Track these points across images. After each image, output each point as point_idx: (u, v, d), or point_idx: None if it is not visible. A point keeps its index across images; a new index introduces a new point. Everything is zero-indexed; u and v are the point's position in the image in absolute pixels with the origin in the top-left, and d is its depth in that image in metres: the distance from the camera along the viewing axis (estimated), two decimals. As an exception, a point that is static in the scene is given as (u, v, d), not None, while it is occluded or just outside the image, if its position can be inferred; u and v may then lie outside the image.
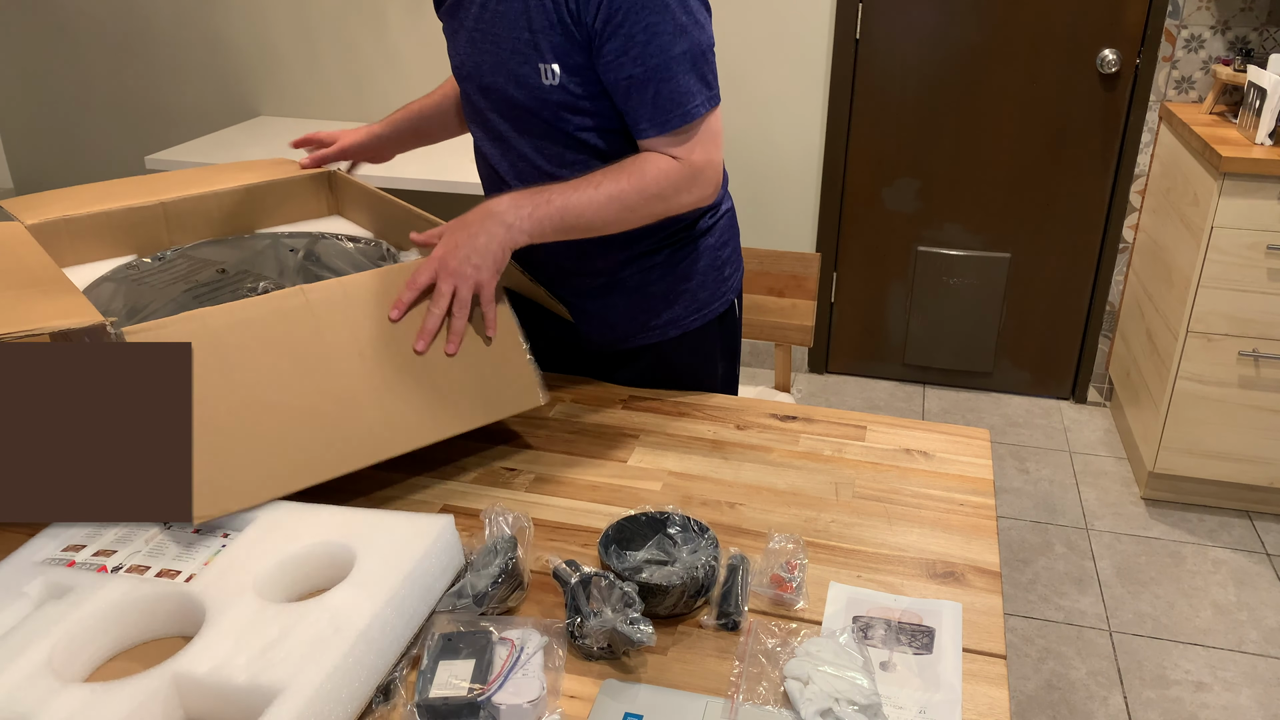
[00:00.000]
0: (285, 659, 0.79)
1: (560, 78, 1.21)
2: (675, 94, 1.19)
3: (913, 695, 0.87)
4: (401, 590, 0.88)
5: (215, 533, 0.99)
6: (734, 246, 1.48)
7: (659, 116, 1.20)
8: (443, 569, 0.94)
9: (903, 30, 2.91)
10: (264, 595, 0.89)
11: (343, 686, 0.79)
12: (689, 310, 1.42)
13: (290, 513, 0.99)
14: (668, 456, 1.24)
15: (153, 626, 0.91)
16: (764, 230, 3.24)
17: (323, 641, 0.81)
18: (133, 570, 0.94)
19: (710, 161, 1.24)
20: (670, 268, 1.39)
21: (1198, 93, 2.79)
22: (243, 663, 0.79)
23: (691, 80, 1.20)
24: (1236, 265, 2.35)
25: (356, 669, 0.81)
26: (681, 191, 1.23)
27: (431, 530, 0.94)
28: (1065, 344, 3.17)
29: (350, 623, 0.83)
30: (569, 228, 1.19)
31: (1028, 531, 2.56)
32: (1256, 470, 2.53)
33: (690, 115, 1.21)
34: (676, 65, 1.18)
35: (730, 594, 0.97)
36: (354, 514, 0.98)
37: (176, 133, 3.58)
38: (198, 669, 0.79)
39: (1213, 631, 2.21)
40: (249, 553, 0.93)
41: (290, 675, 0.77)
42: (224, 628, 0.84)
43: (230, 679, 0.78)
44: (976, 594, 1.00)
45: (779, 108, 3.06)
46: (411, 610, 0.89)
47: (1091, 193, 2.97)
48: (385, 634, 0.85)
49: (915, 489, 1.18)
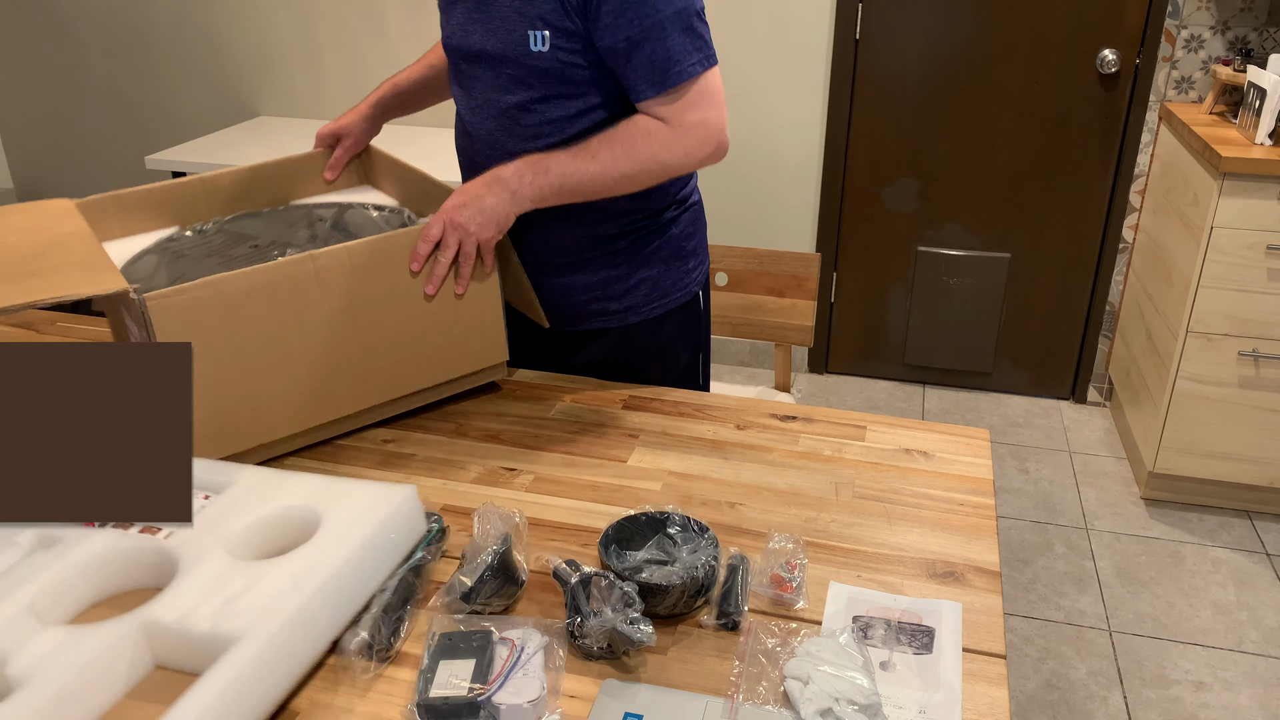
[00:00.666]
0: (245, 610, 0.85)
1: (549, 43, 1.24)
2: (670, 53, 1.22)
3: (913, 695, 0.87)
4: (360, 553, 0.92)
5: (197, 494, 1.04)
6: (700, 239, 1.49)
7: (655, 77, 1.23)
8: (403, 535, 0.99)
9: (903, 30, 2.91)
10: (233, 553, 0.94)
11: (297, 638, 0.85)
12: (649, 297, 1.44)
13: (267, 478, 1.05)
14: (668, 456, 1.24)
15: (132, 578, 0.97)
16: (764, 230, 3.24)
17: (281, 596, 0.86)
18: (117, 526, 1.00)
19: (704, 120, 1.25)
20: (633, 253, 1.41)
21: (1198, 93, 2.79)
22: (207, 613, 0.86)
23: (684, 39, 1.22)
24: (1236, 265, 2.35)
25: (311, 623, 0.86)
26: (677, 153, 1.25)
27: (394, 499, 0.99)
28: (1065, 344, 3.17)
29: (308, 579, 0.88)
30: (570, 194, 1.25)
31: (1028, 531, 2.56)
32: (1256, 470, 2.53)
33: (685, 74, 1.23)
34: (670, 24, 1.21)
35: (730, 594, 0.97)
36: (324, 481, 1.03)
37: (176, 133, 3.58)
38: (165, 617, 0.86)
39: (1213, 631, 2.21)
40: (224, 513, 0.99)
41: (248, 625, 0.83)
42: (193, 580, 0.90)
43: (194, 627, 0.84)
44: (976, 594, 1.00)
45: (779, 108, 3.06)
46: (369, 571, 0.94)
47: (1091, 193, 2.97)
48: (341, 591, 0.90)
49: (915, 489, 1.18)
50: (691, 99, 1.24)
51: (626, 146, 1.24)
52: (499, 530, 1.00)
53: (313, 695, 0.87)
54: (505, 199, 1.23)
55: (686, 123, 1.25)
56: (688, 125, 1.25)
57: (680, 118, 1.24)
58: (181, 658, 0.86)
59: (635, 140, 1.24)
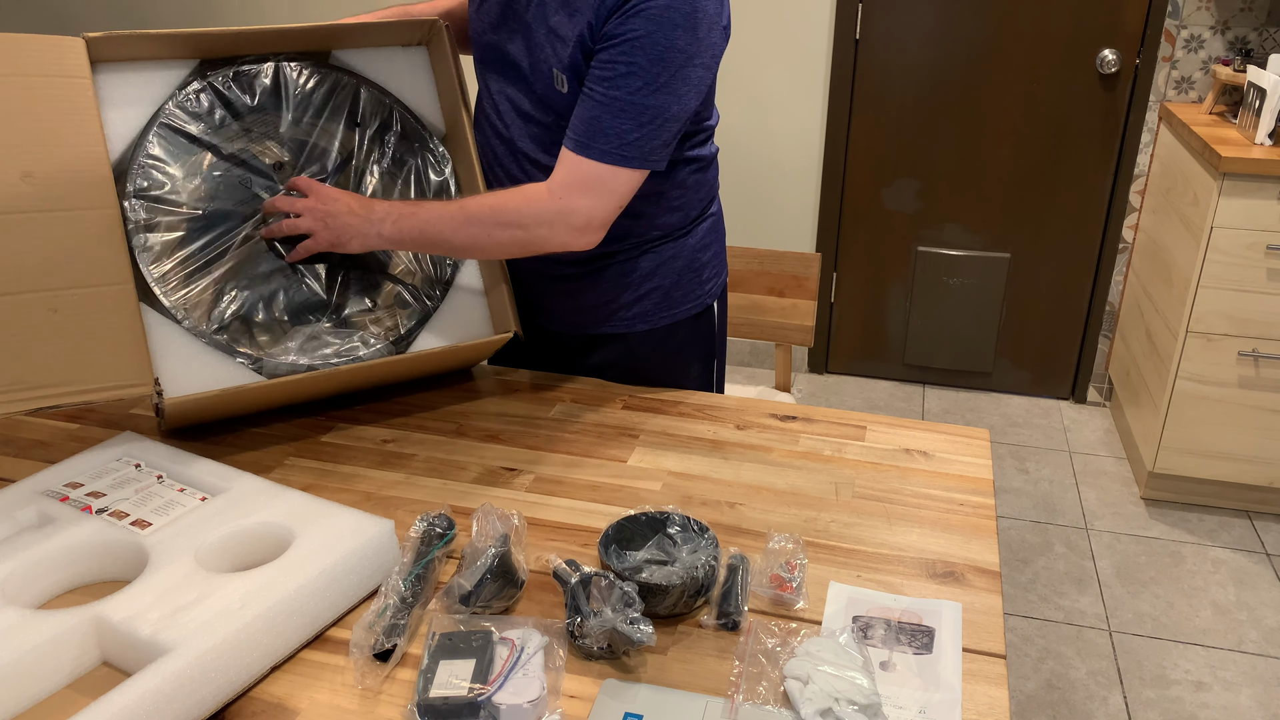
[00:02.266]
0: (187, 623, 0.85)
1: (568, 86, 1.22)
2: (612, 130, 1.17)
3: (913, 695, 0.87)
4: (317, 581, 0.92)
5: (195, 494, 1.05)
6: (717, 250, 1.47)
7: (583, 135, 1.19)
8: (372, 569, 0.98)
9: (903, 30, 2.91)
10: (201, 561, 0.95)
11: (228, 658, 0.84)
12: (659, 307, 1.43)
13: (260, 489, 1.05)
14: (668, 456, 1.24)
15: (113, 569, 0.98)
16: (764, 230, 3.24)
17: (225, 614, 0.86)
18: (114, 514, 1.01)
19: (581, 209, 1.20)
20: (647, 263, 1.40)
21: (1197, 93, 2.79)
22: (153, 618, 0.86)
23: (634, 132, 1.17)
24: (1236, 265, 2.35)
25: (247, 645, 0.86)
26: (542, 225, 1.20)
27: (367, 531, 0.98)
28: (1065, 344, 3.17)
29: (256, 601, 0.88)
30: (430, 243, 1.25)
31: (1028, 531, 2.56)
32: (1256, 470, 2.53)
33: (607, 155, 1.18)
34: (633, 111, 1.17)
35: (730, 594, 0.97)
36: (310, 503, 1.03)
37: (176, 133, 3.58)
38: (114, 615, 0.87)
39: (1212, 631, 2.21)
40: (207, 520, 1.00)
41: (184, 638, 0.83)
42: (153, 583, 0.91)
43: (137, 630, 0.85)
44: (976, 594, 1.00)
45: (779, 108, 3.06)
46: (325, 600, 0.93)
47: (1091, 193, 2.97)
48: (289, 617, 0.89)
49: (915, 489, 1.18)
50: (592, 184, 1.19)
51: (497, 201, 1.22)
52: (498, 531, 1.00)
53: (313, 695, 0.87)
54: (363, 229, 1.24)
55: (564, 201, 1.20)
56: (563, 204, 1.20)
57: (569, 193, 1.20)
58: (124, 658, 0.87)
59: (507, 200, 1.21)
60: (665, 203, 1.36)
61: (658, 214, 1.37)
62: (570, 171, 1.20)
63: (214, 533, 0.98)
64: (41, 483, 1.06)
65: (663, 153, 1.22)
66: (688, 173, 1.37)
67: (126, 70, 1.24)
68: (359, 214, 1.24)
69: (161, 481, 1.07)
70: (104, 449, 1.13)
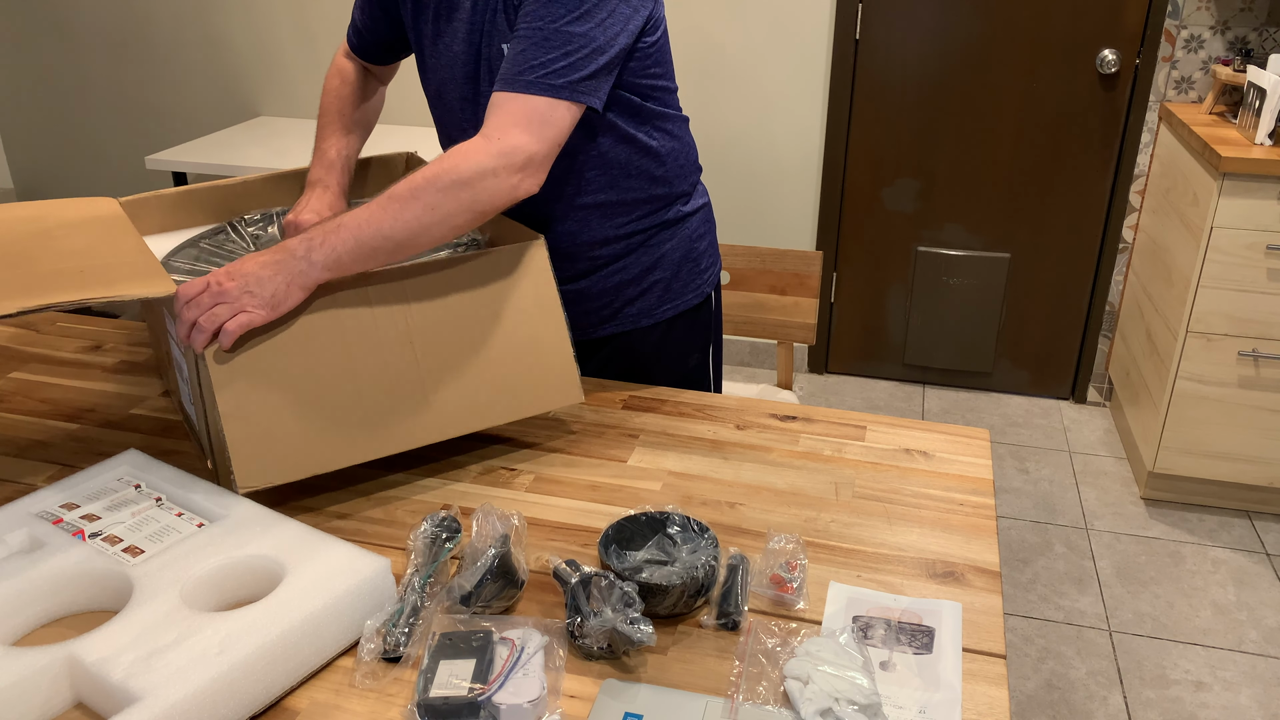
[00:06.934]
0: (162, 668, 0.81)
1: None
2: (538, 62, 1.14)
3: (913, 695, 0.87)
4: (303, 626, 0.87)
5: (191, 520, 1.01)
6: (710, 239, 1.49)
7: (511, 73, 1.15)
8: (365, 609, 0.92)
9: (903, 30, 2.91)
10: (186, 597, 0.90)
11: (202, 709, 0.79)
12: (660, 300, 1.43)
13: (257, 517, 1.00)
14: (668, 456, 1.24)
15: (99, 599, 0.94)
16: (764, 231, 3.24)
17: (202, 659, 0.81)
18: (106, 539, 0.97)
19: (521, 146, 1.13)
20: (644, 256, 1.40)
21: (1197, 93, 2.79)
22: (126, 661, 0.82)
23: (560, 61, 1.15)
24: (1236, 265, 2.35)
25: (224, 694, 0.81)
26: (485, 175, 1.12)
27: (363, 570, 0.92)
28: (1065, 344, 3.17)
29: (237, 647, 0.83)
30: (372, 249, 1.09)
31: (1027, 531, 2.56)
32: (1256, 470, 2.53)
33: (535, 85, 1.14)
34: (558, 40, 1.14)
35: (730, 594, 0.97)
36: (304, 534, 0.98)
37: (176, 133, 3.58)
38: (88, 656, 0.82)
39: (1212, 631, 2.21)
40: (198, 550, 0.96)
41: (155, 686, 0.79)
42: (132, 621, 0.86)
43: (109, 674, 0.81)
44: (976, 594, 1.00)
45: (779, 108, 3.06)
46: (311, 648, 0.88)
47: (1091, 193, 2.97)
48: (269, 666, 0.84)
49: (915, 489, 1.18)
50: (526, 119, 1.14)
51: (431, 170, 1.11)
52: (498, 531, 1.00)
53: (313, 695, 0.87)
54: (289, 266, 1.05)
55: (501, 143, 1.13)
56: (501, 145, 1.13)
57: (504, 132, 1.13)
58: (97, 701, 0.83)
59: (441, 163, 1.12)
60: (646, 170, 1.36)
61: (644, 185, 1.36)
62: (502, 111, 1.15)
63: (203, 565, 0.93)
64: (38, 503, 1.03)
65: (592, 87, 1.18)
66: (662, 137, 1.36)
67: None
68: (274, 259, 1.06)
69: (160, 505, 1.04)
70: (106, 468, 1.09)
